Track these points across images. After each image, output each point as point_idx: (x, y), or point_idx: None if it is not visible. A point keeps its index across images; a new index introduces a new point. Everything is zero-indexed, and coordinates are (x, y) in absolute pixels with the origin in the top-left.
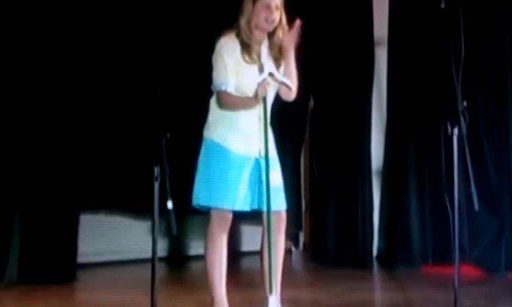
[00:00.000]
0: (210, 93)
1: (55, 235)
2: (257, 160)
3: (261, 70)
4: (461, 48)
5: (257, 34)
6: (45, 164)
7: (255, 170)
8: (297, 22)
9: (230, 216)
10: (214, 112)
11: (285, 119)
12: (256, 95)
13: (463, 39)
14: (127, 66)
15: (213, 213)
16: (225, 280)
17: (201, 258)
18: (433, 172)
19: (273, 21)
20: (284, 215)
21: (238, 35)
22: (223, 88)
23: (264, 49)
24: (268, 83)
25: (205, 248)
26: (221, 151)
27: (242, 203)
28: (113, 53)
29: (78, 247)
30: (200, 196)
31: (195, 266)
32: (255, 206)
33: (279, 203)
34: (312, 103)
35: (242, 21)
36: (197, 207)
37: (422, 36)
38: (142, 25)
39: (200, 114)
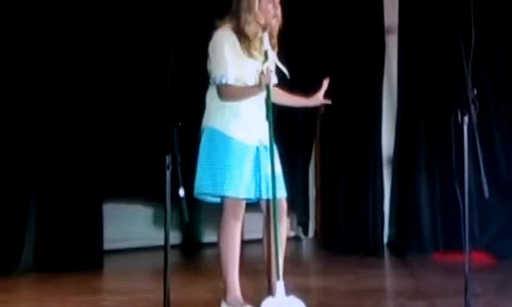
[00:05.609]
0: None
1: (74, 223)
2: (257, 149)
3: (265, 57)
4: (471, 35)
5: (258, 28)
6: (60, 153)
7: (256, 159)
8: (325, 83)
9: (244, 204)
10: (213, 102)
11: (295, 109)
12: (260, 84)
13: (473, 27)
14: (139, 57)
15: (227, 202)
16: (238, 268)
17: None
18: (443, 160)
19: (278, 16)
20: (285, 203)
21: (235, 29)
22: (224, 81)
23: (266, 36)
24: (271, 71)
25: (219, 236)
26: (223, 139)
27: (246, 192)
28: (127, 44)
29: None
30: (204, 185)
31: (209, 253)
32: (258, 195)
33: (281, 190)
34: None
35: (247, 16)
36: (199, 197)
37: (432, 23)
38: (154, 15)
39: None
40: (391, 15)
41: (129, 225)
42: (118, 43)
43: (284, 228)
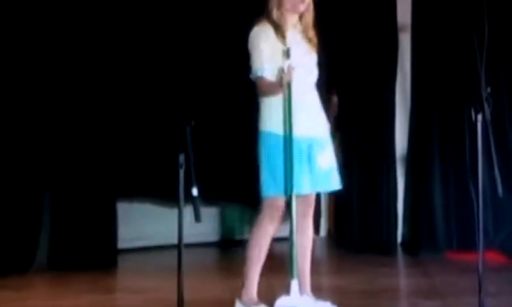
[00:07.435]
0: (240, 82)
1: (88, 222)
2: (309, 145)
3: (287, 55)
4: (485, 33)
5: (289, 16)
6: (73, 152)
7: (309, 153)
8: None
9: (282, 206)
10: (265, 103)
11: None
12: (281, 81)
13: (486, 25)
14: (153, 55)
15: (265, 202)
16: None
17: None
18: (457, 158)
19: (305, 1)
20: (313, 198)
21: (269, 20)
22: (259, 74)
23: (290, 33)
24: (293, 68)
25: (251, 234)
26: (279, 140)
27: (307, 187)
28: (141, 42)
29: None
30: (269, 188)
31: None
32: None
33: (332, 183)
34: (335, 98)
35: (273, 4)
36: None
37: (445, 21)
38: (167, 13)
39: (225, 102)
40: (404, 12)
41: (143, 224)
42: (132, 41)
43: (311, 224)
